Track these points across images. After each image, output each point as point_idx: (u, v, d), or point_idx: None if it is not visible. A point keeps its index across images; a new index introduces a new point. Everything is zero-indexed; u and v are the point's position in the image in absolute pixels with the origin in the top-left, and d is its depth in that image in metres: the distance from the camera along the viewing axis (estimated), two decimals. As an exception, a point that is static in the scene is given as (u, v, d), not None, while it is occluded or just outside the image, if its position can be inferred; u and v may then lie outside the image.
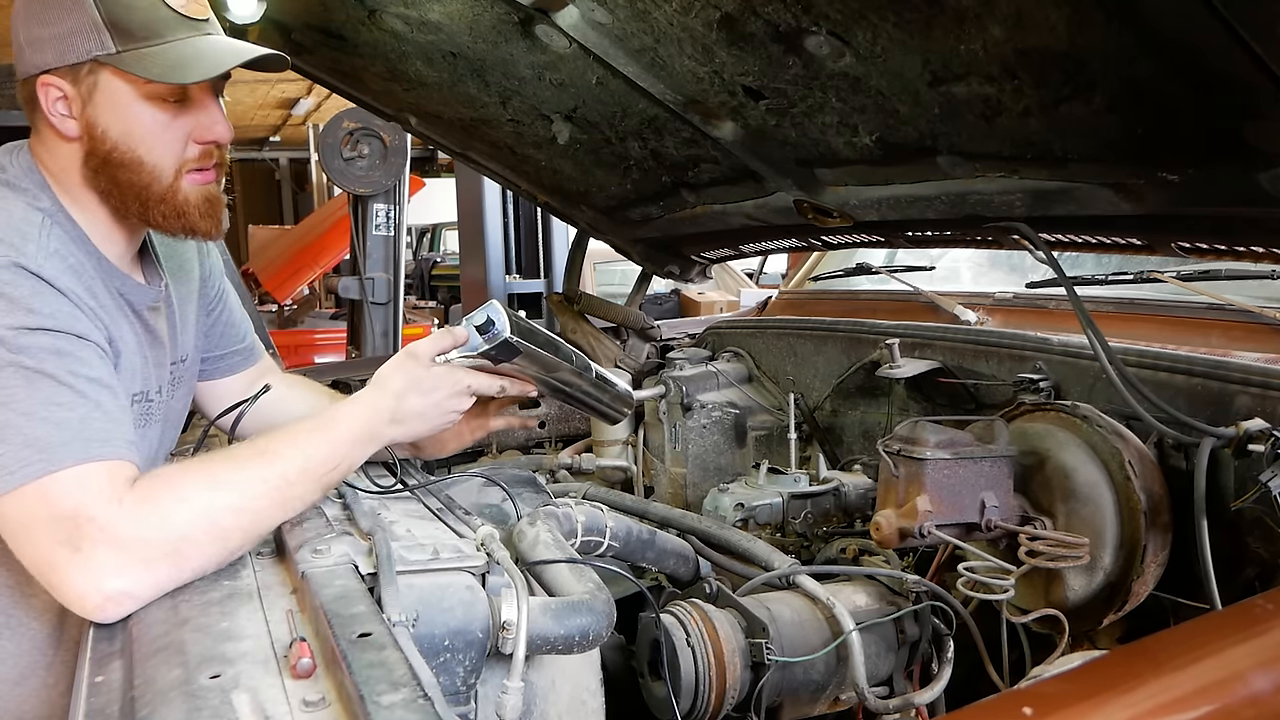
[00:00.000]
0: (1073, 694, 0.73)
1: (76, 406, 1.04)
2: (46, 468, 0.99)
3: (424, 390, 1.25)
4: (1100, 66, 1.09)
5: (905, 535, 1.37)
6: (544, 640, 1.03)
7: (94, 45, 1.15)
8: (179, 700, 0.79)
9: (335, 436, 1.18)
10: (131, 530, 1.00)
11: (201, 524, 1.03)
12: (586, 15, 1.46)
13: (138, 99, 1.19)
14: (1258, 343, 1.58)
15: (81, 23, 1.15)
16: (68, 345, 1.07)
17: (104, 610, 0.99)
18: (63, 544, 0.98)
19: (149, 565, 1.00)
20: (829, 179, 1.71)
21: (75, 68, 1.17)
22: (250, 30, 1.99)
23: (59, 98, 1.19)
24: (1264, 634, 0.82)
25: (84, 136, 1.20)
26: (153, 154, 1.21)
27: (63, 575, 0.99)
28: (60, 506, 0.99)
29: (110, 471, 1.02)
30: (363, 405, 1.23)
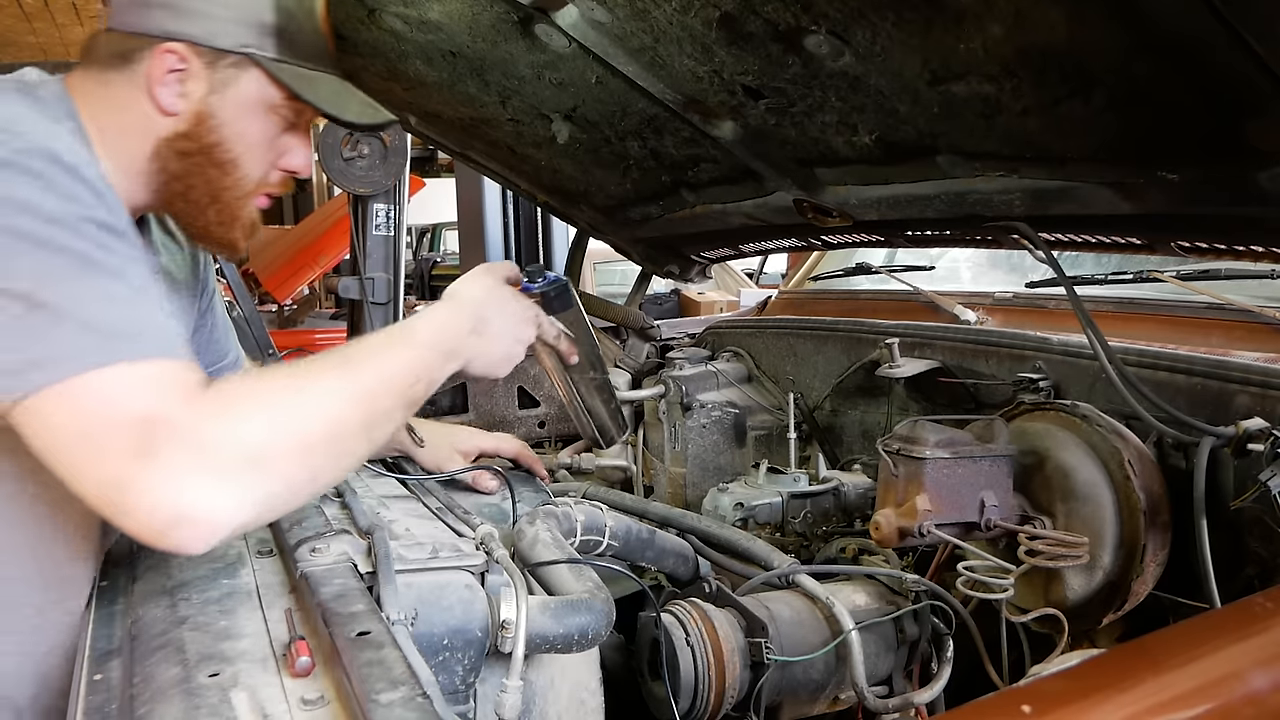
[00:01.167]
0: (1072, 692, 0.73)
1: (136, 302, 0.92)
2: (109, 357, 0.87)
3: (500, 308, 1.19)
4: (1100, 66, 1.09)
5: (905, 535, 1.37)
6: (543, 639, 1.03)
7: (253, 42, 1.13)
8: (178, 698, 0.79)
9: (417, 344, 1.08)
10: (213, 433, 0.87)
11: (285, 433, 0.92)
12: (586, 14, 1.45)
13: (264, 109, 1.17)
14: (1258, 342, 1.58)
15: (248, 16, 1.13)
16: (114, 241, 0.95)
17: (177, 530, 0.85)
18: (130, 452, 0.84)
19: (233, 476, 0.87)
20: (829, 178, 1.71)
21: (218, 53, 1.12)
22: (250, 29, 1.99)
23: (177, 70, 1.11)
24: (1263, 633, 0.82)
25: (189, 118, 1.14)
26: (249, 164, 1.19)
27: (129, 489, 0.84)
28: (126, 406, 0.86)
29: (183, 371, 0.90)
30: (442, 315, 1.14)
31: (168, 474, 0.84)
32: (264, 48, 1.13)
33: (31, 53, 8.21)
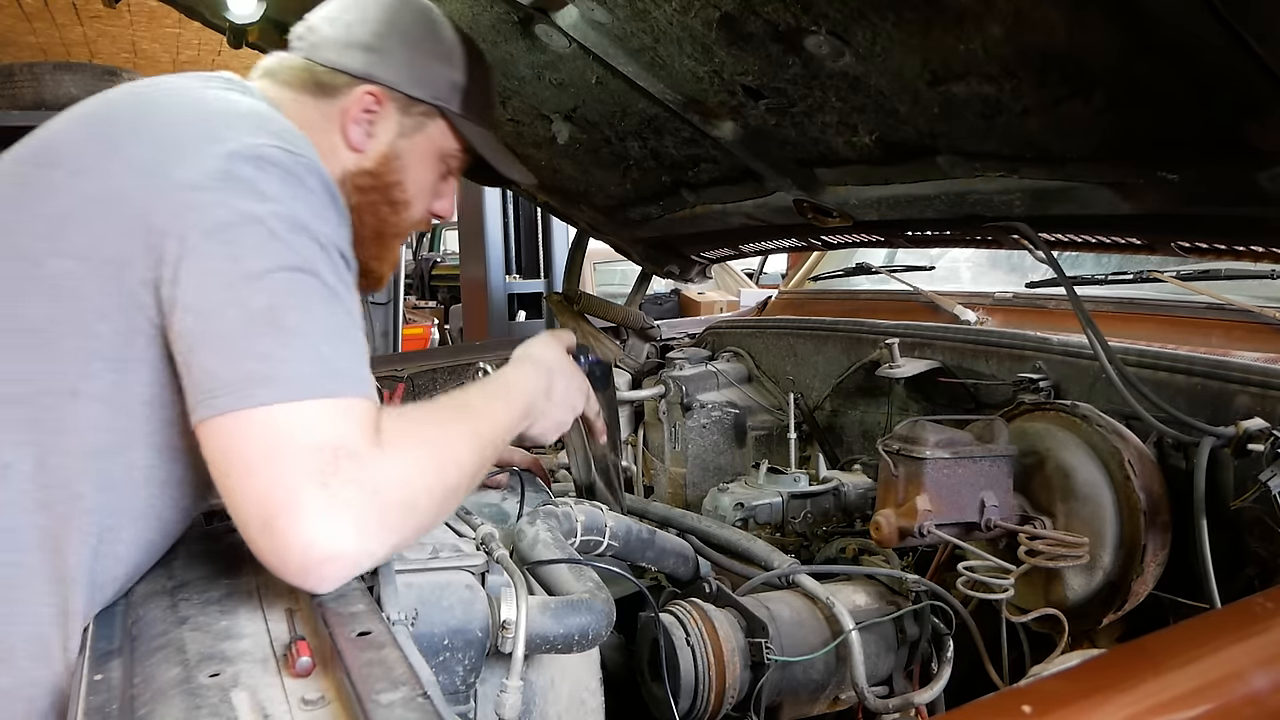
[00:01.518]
0: (1072, 692, 0.73)
1: (354, 338, 0.94)
2: (325, 389, 0.88)
3: (566, 376, 1.26)
4: (1100, 66, 1.09)
5: (905, 535, 1.37)
6: (543, 639, 1.03)
7: (445, 97, 1.25)
8: (178, 698, 0.79)
9: (514, 400, 1.14)
10: (386, 475, 0.88)
11: (438, 481, 0.93)
12: (586, 15, 1.46)
13: (438, 157, 1.28)
14: (1258, 342, 1.58)
15: (446, 74, 1.25)
16: (347, 273, 0.98)
17: (323, 566, 0.85)
18: (310, 476, 0.84)
19: (390, 519, 0.88)
20: (829, 178, 1.71)
21: (412, 101, 1.23)
22: (250, 30, 1.99)
23: (372, 110, 1.21)
24: (1263, 633, 0.82)
25: (375, 157, 1.23)
26: (417, 205, 1.29)
27: (296, 515, 0.83)
28: (321, 435, 0.86)
29: (370, 409, 0.91)
30: (527, 377, 1.19)
31: (332, 510, 0.84)
32: (451, 103, 1.26)
33: (31, 53, 8.20)
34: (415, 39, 1.23)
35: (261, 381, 0.86)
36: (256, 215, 0.91)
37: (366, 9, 1.24)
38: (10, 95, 6.20)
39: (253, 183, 0.92)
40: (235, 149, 0.94)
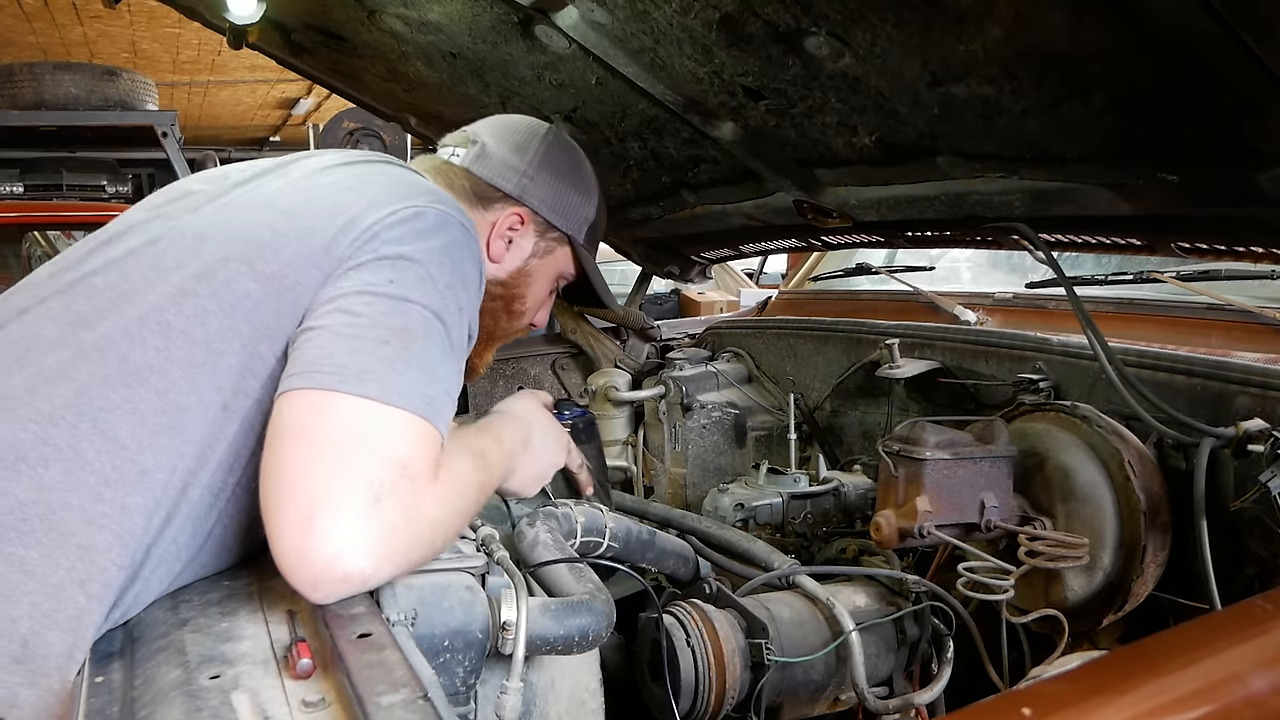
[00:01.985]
0: (1072, 694, 0.73)
1: (452, 389, 1.01)
2: (422, 410, 0.93)
3: (545, 430, 1.31)
4: (1099, 67, 1.09)
5: (905, 535, 1.37)
6: (544, 640, 1.03)
7: (575, 229, 1.41)
8: (179, 700, 0.79)
9: (506, 452, 1.19)
10: (431, 509, 0.91)
11: (459, 520, 0.99)
12: (586, 16, 1.46)
13: (553, 277, 1.43)
14: (1257, 343, 1.58)
15: (582, 210, 1.41)
16: (464, 343, 1.07)
17: (336, 585, 0.86)
18: (371, 486, 0.86)
19: (415, 547, 0.91)
20: (829, 179, 1.71)
21: (550, 227, 1.38)
22: (250, 30, 1.99)
23: (516, 227, 1.36)
24: (1263, 634, 0.82)
25: (510, 269, 1.37)
26: (526, 316, 1.44)
27: (337, 520, 0.85)
28: (398, 448, 0.90)
29: (440, 447, 0.97)
30: (511, 428, 1.24)
31: (376, 528, 0.86)
32: (579, 234, 1.42)
33: (31, 53, 8.21)
34: (563, 174, 1.39)
35: (372, 379, 0.91)
36: (424, 259, 1.01)
37: (529, 139, 1.38)
38: (10, 95, 6.20)
39: (429, 234, 1.04)
40: (421, 206, 1.06)
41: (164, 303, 0.99)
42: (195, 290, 0.99)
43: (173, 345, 0.97)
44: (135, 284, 1.01)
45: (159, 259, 1.03)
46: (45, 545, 0.90)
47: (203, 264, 1.01)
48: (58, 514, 0.91)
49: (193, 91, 10.36)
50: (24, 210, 5.95)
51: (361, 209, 1.04)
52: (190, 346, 0.97)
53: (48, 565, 0.90)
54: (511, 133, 1.39)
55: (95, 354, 0.97)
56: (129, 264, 1.04)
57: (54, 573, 0.90)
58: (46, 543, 0.90)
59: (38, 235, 6.39)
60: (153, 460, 0.94)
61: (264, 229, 1.03)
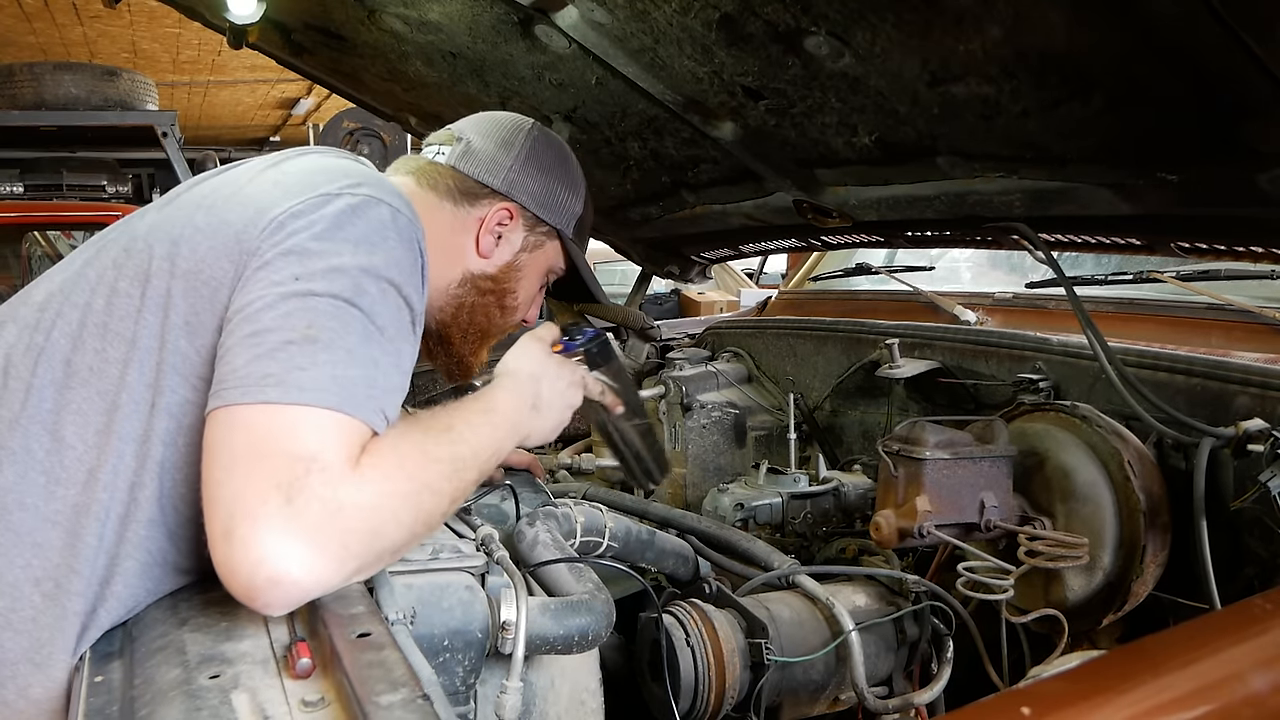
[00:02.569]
0: (1071, 694, 0.73)
1: (383, 371, 0.96)
2: (328, 402, 0.89)
3: (551, 377, 1.26)
4: (1099, 67, 1.09)
5: (905, 535, 1.37)
6: (543, 640, 1.03)
7: (564, 224, 1.41)
8: (178, 700, 0.79)
9: (497, 422, 1.12)
10: (356, 497, 0.86)
11: (410, 503, 0.92)
12: (586, 15, 1.46)
13: (543, 272, 1.43)
14: (1257, 343, 1.58)
15: (570, 205, 1.41)
16: (404, 320, 1.02)
17: (271, 590, 0.83)
18: (280, 487, 0.83)
19: (349, 544, 0.86)
20: (828, 179, 1.71)
21: (539, 221, 1.38)
22: (250, 30, 1.99)
23: (505, 222, 1.35)
24: (1262, 634, 0.82)
25: (500, 264, 1.36)
26: (519, 311, 1.43)
27: (254, 526, 0.82)
28: (300, 443, 0.86)
29: (366, 436, 0.92)
30: (511, 391, 1.19)
31: (295, 527, 0.83)
32: (568, 229, 1.41)
33: (31, 53, 8.20)
34: (550, 169, 1.39)
35: (274, 383, 0.88)
36: (329, 248, 0.98)
37: (514, 135, 1.38)
38: (10, 95, 6.20)
39: (338, 218, 1.00)
40: (334, 192, 1.03)
41: (101, 305, 1.01)
42: (127, 291, 1.01)
43: (109, 346, 0.99)
44: (81, 288, 1.04)
45: (102, 263, 1.05)
46: (2, 545, 0.93)
47: (135, 265, 1.02)
48: (13, 514, 0.94)
49: (193, 91, 10.36)
50: (24, 210, 5.95)
51: (273, 199, 1.03)
52: (123, 346, 0.99)
53: (3, 563, 0.93)
54: (497, 129, 1.39)
55: (45, 357, 1.00)
56: (84, 269, 1.07)
57: (9, 570, 0.93)
58: (3, 543, 0.93)
59: (38, 235, 6.39)
60: (98, 459, 0.96)
61: (186, 225, 1.03)
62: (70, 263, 1.12)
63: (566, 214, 1.41)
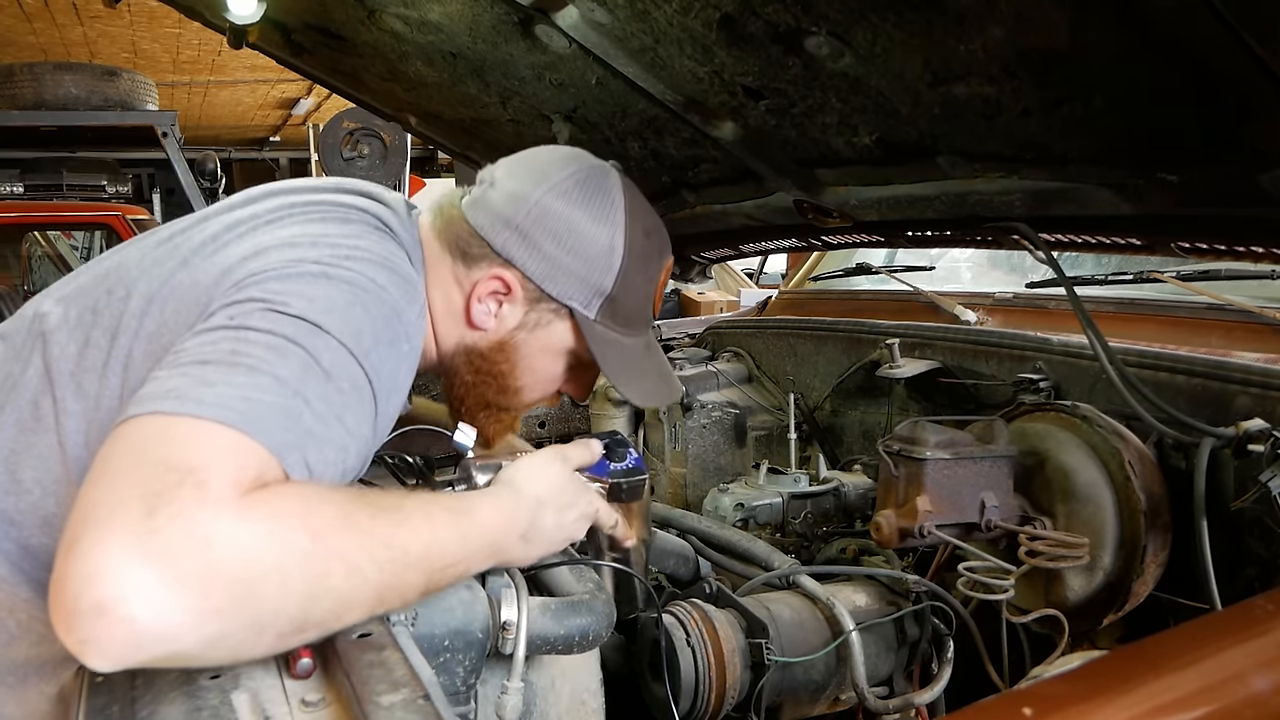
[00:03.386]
0: (1072, 695, 0.73)
1: (320, 410, 0.82)
2: (230, 419, 0.75)
3: (560, 506, 1.05)
4: (1100, 67, 1.09)
5: (905, 535, 1.37)
6: (544, 640, 1.03)
7: (580, 300, 1.15)
8: (179, 700, 0.79)
9: (467, 530, 0.92)
10: (230, 533, 0.70)
11: (304, 569, 0.74)
12: (586, 15, 1.45)
13: (563, 353, 1.20)
14: (1258, 343, 1.58)
15: (591, 278, 1.15)
16: (363, 386, 0.89)
17: (89, 621, 0.65)
18: (143, 497, 0.68)
19: (210, 589, 0.68)
20: (829, 179, 1.70)
21: (544, 295, 1.15)
22: (250, 30, 1.99)
23: (500, 293, 1.15)
24: (1263, 635, 0.82)
25: (491, 341, 1.17)
26: (530, 393, 1.22)
27: (99, 537, 0.67)
28: (181, 453, 0.72)
29: (269, 469, 0.77)
30: (500, 509, 0.98)
31: (144, 548, 0.67)
32: (589, 307, 1.16)
33: (31, 53, 8.21)
34: (576, 232, 1.13)
35: (175, 395, 0.77)
36: (280, 291, 0.88)
37: (536, 183, 1.14)
38: (10, 95, 6.21)
39: (301, 278, 0.90)
40: (308, 258, 0.93)
41: (74, 352, 0.96)
42: (98, 343, 0.95)
43: (69, 397, 0.94)
44: (63, 327, 0.98)
45: (89, 300, 1.00)
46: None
47: (110, 315, 0.96)
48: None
49: (193, 91, 10.36)
50: (24, 210, 5.96)
51: (242, 260, 0.93)
52: (83, 401, 0.93)
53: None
54: (525, 172, 1.17)
55: (14, 395, 0.96)
56: (76, 298, 1.02)
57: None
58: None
59: (38, 235, 6.40)
60: (55, 507, 0.92)
61: (165, 283, 0.96)
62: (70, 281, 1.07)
63: (587, 290, 1.15)
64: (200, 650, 0.70)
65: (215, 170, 6.62)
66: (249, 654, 0.74)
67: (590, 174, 1.18)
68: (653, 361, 1.26)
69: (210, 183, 6.50)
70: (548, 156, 1.20)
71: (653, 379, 1.25)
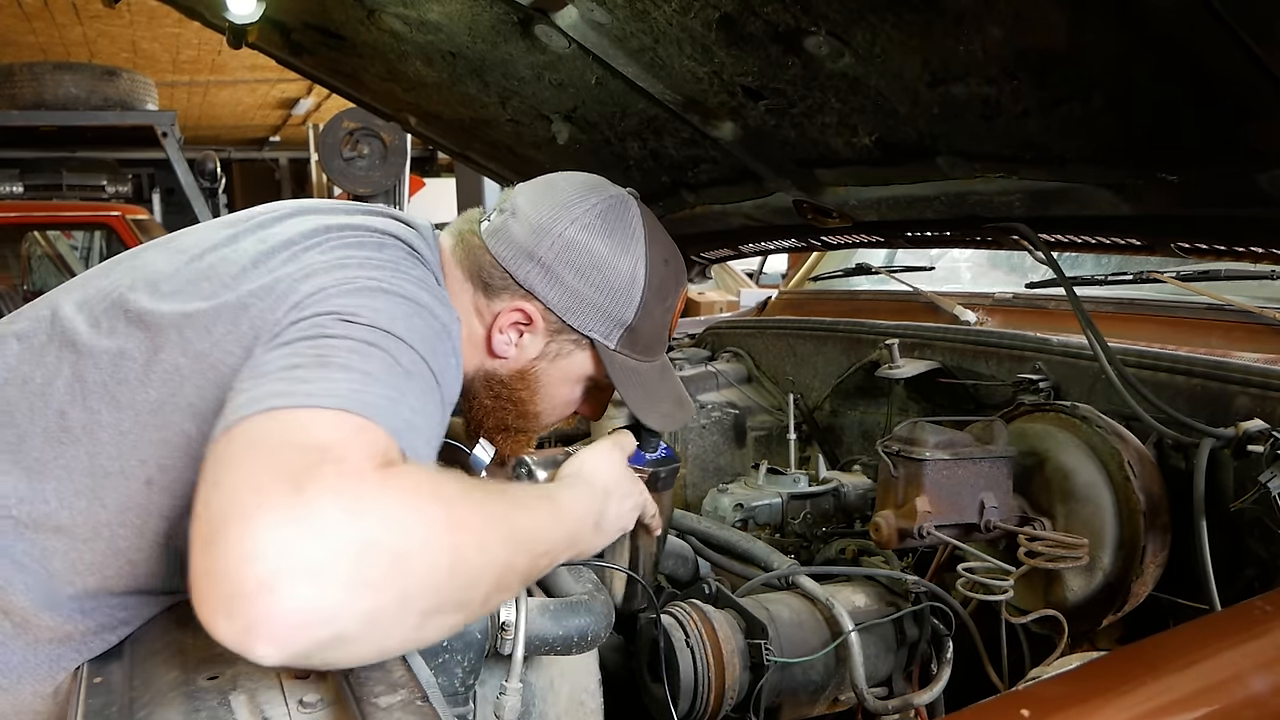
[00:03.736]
0: (1070, 696, 0.73)
1: (414, 401, 0.84)
2: (343, 404, 0.75)
3: (621, 496, 1.10)
4: (1099, 67, 1.09)
5: (904, 536, 1.37)
6: (543, 641, 1.03)
7: (601, 331, 1.18)
8: (178, 701, 0.79)
9: (559, 522, 0.95)
10: (379, 504, 0.69)
11: (447, 544, 0.73)
12: (585, 15, 1.45)
13: (580, 381, 1.23)
14: (1257, 343, 1.58)
15: (611, 310, 1.17)
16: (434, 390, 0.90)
17: (256, 601, 0.63)
18: (285, 477, 0.67)
19: (362, 563, 0.67)
20: (828, 179, 1.70)
21: (565, 326, 1.17)
22: (249, 30, 1.99)
23: (522, 324, 1.17)
24: (1262, 636, 0.82)
25: (511, 370, 1.19)
26: (548, 416, 1.26)
27: (249, 521, 0.65)
28: (313, 435, 0.72)
29: (392, 448, 0.76)
30: (578, 499, 1.03)
31: (304, 517, 0.66)
32: (609, 338, 1.18)
33: (31, 53, 8.21)
34: (600, 264, 1.15)
35: (281, 394, 0.76)
36: (352, 305, 0.89)
37: (560, 212, 1.16)
38: (10, 95, 6.21)
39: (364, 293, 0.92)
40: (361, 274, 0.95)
41: (107, 362, 0.94)
42: (134, 355, 0.93)
43: (105, 409, 0.92)
44: (88, 332, 0.97)
45: (120, 309, 0.98)
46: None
47: (145, 329, 0.95)
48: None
49: (193, 91, 10.36)
50: (24, 210, 5.97)
51: (294, 282, 0.94)
52: (118, 413, 0.92)
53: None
54: (548, 199, 1.18)
55: (40, 402, 0.94)
56: (97, 302, 1.00)
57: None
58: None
59: (38, 235, 6.40)
60: (69, 519, 0.91)
61: (206, 300, 0.96)
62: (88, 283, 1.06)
63: (608, 321, 1.17)
64: (357, 629, 0.67)
65: (215, 170, 6.63)
66: (395, 638, 0.72)
67: (611, 205, 1.19)
68: (668, 385, 1.29)
69: (210, 182, 6.50)
70: (569, 186, 1.21)
71: (670, 403, 1.27)
